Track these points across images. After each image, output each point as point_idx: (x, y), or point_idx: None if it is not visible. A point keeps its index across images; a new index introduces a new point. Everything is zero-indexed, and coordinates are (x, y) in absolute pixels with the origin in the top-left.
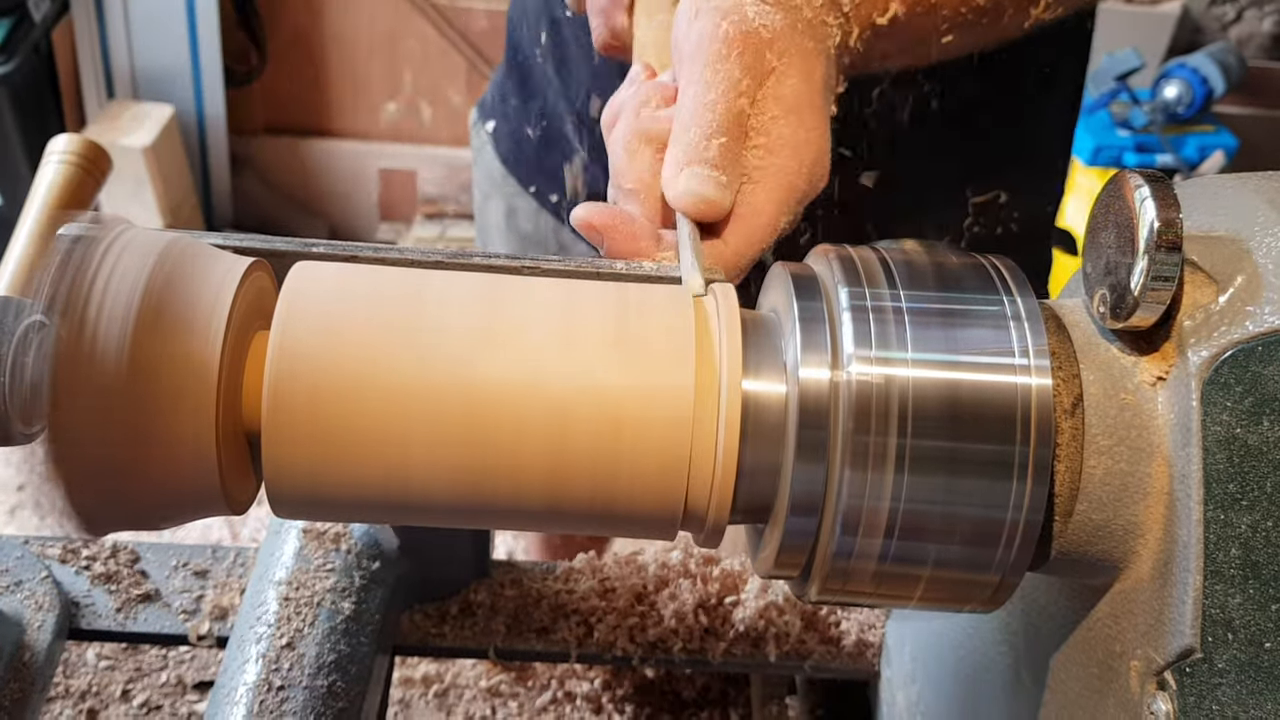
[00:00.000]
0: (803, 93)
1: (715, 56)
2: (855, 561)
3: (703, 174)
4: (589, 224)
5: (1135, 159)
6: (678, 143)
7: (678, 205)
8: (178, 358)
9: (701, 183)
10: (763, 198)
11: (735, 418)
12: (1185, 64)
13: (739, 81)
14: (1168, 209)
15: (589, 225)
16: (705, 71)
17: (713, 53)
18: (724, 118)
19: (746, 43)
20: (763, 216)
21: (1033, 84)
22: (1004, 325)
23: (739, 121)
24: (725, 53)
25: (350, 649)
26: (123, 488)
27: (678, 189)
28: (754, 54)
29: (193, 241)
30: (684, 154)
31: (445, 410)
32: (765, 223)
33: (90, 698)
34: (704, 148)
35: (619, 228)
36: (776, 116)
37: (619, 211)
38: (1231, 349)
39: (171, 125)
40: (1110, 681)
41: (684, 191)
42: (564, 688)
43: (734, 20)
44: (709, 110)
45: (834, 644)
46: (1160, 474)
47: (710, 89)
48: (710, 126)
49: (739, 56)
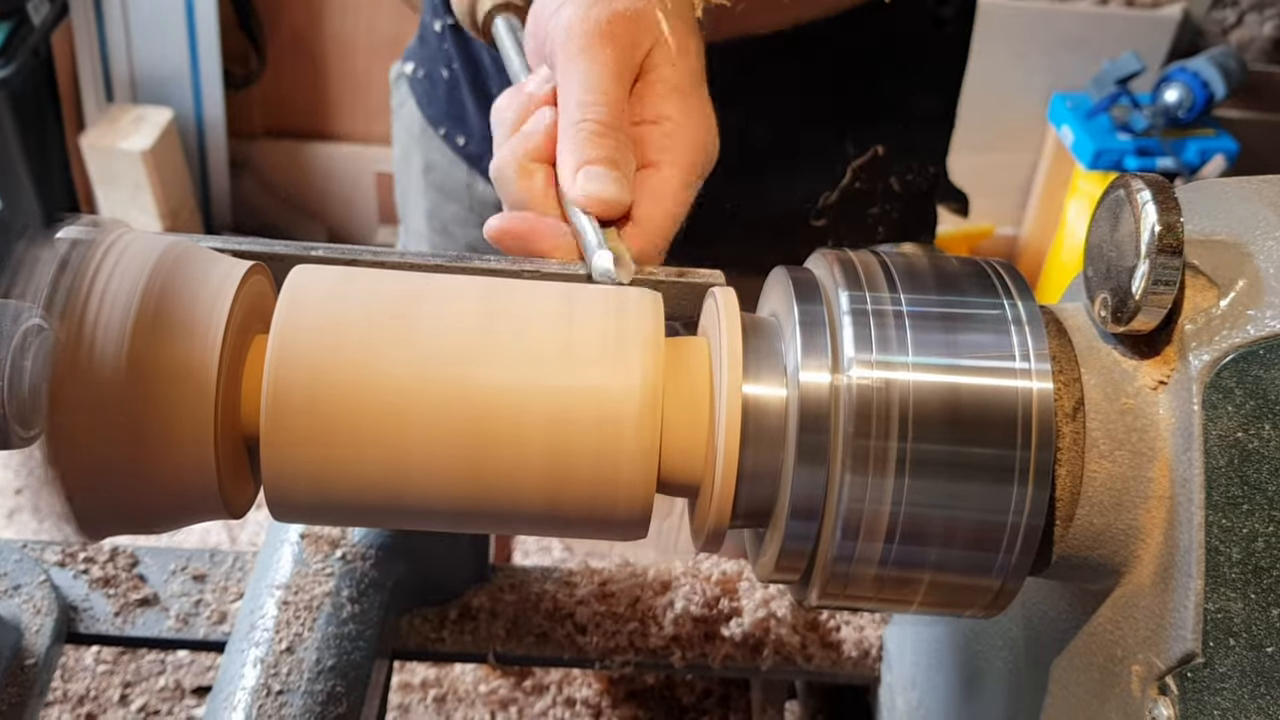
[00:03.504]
0: (683, 71)
1: (588, 46)
2: (856, 566)
3: (599, 173)
4: (507, 232)
5: (1136, 163)
6: (567, 146)
7: (581, 207)
8: (176, 361)
9: (600, 183)
10: (667, 178)
11: (735, 421)
12: (1186, 68)
13: (617, 71)
14: (1169, 213)
15: (507, 234)
16: (581, 64)
17: (585, 42)
18: (609, 110)
19: (617, 28)
20: (669, 198)
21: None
22: (1005, 329)
23: (623, 112)
24: (598, 42)
25: (349, 654)
26: (121, 491)
27: (577, 191)
28: (627, 38)
29: (191, 245)
30: (577, 155)
31: (444, 414)
32: (673, 203)
33: (88, 702)
34: (596, 146)
35: (536, 232)
36: (664, 97)
37: (533, 216)
38: (1233, 353)
39: (170, 129)
40: (1111, 686)
41: (584, 194)
42: (563, 693)
43: (601, 7)
44: (593, 106)
45: (834, 649)
46: (1161, 478)
47: (590, 82)
48: (597, 122)
49: (613, 44)
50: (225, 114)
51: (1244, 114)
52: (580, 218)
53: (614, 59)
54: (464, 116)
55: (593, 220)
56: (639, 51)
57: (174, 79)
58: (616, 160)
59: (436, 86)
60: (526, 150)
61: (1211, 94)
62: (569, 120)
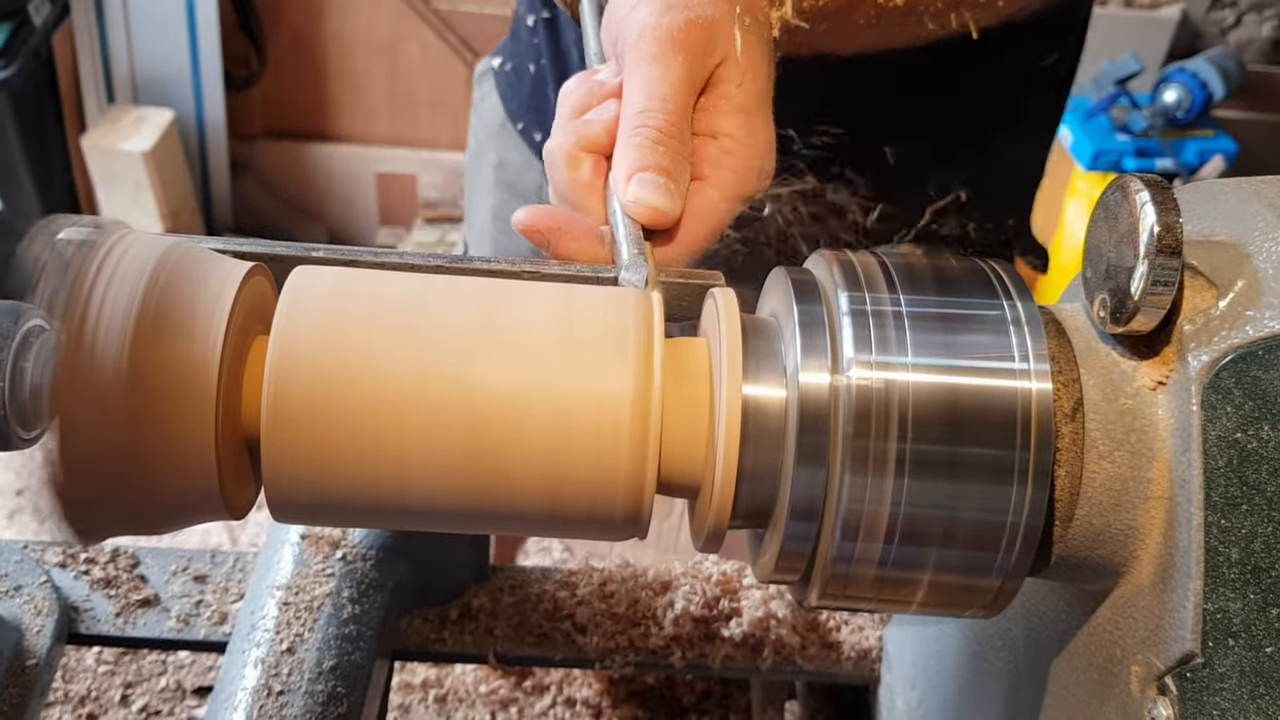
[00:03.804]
0: (751, 91)
1: (659, 53)
2: (855, 566)
3: (653, 181)
4: (533, 227)
5: (1135, 163)
6: (625, 147)
7: (630, 213)
8: (177, 362)
9: (653, 191)
10: (716, 196)
11: (735, 422)
12: (1185, 68)
13: (685, 80)
14: (1168, 213)
15: (533, 228)
16: (650, 68)
17: (656, 49)
18: (671, 119)
19: (690, 37)
20: (715, 215)
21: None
22: (1004, 330)
23: (686, 122)
24: (670, 49)
25: (350, 654)
26: (122, 492)
27: (628, 197)
28: (699, 49)
29: (192, 246)
30: (633, 159)
31: (444, 415)
32: (717, 221)
33: (89, 702)
34: (652, 153)
35: (564, 230)
36: (727, 114)
37: (562, 213)
38: (1232, 353)
39: (171, 130)
40: (1111, 686)
41: (635, 200)
42: (564, 693)
43: (676, 13)
44: (655, 113)
45: (834, 649)
46: (1160, 478)
47: (656, 88)
48: (658, 129)
49: (684, 53)
50: (226, 115)
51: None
52: (622, 223)
53: (683, 67)
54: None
55: (634, 227)
56: (709, 62)
57: (175, 80)
58: (671, 170)
59: (523, 80)
60: (582, 137)
61: (1210, 94)
62: (630, 124)
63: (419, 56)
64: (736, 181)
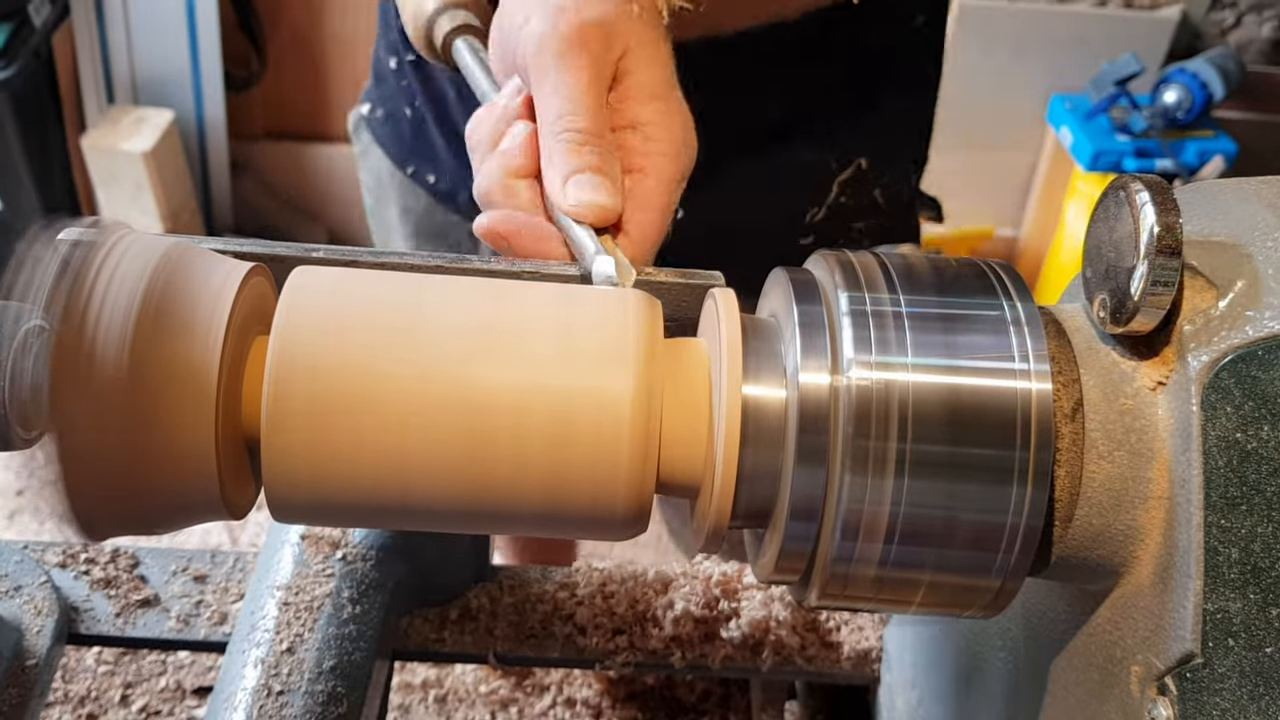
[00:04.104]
0: (659, 78)
1: (562, 56)
2: (855, 566)
3: (590, 180)
4: (493, 231)
5: (1135, 164)
6: (552, 158)
7: (574, 216)
8: (177, 362)
9: (592, 190)
10: (653, 183)
11: (735, 422)
12: (1185, 69)
13: (593, 79)
14: (1168, 214)
15: (493, 233)
16: (557, 75)
17: (558, 53)
18: (590, 119)
19: (587, 36)
20: (657, 203)
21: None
22: (1004, 330)
23: (604, 119)
24: (571, 52)
25: (350, 654)
26: (122, 492)
27: (569, 202)
28: (598, 46)
29: (192, 246)
30: (564, 164)
31: (444, 415)
32: (660, 208)
33: (89, 703)
34: (580, 154)
35: (523, 232)
36: (641, 102)
37: (522, 216)
38: (1231, 354)
39: (171, 130)
40: (1111, 687)
41: (576, 203)
42: (563, 693)
43: (568, 15)
44: (572, 115)
45: (834, 649)
46: (1160, 479)
47: (568, 92)
48: (580, 131)
49: (585, 53)
50: (226, 115)
51: (1243, 115)
52: (574, 228)
53: (587, 67)
54: (432, 154)
55: (587, 229)
56: (611, 58)
57: (175, 80)
58: (603, 168)
59: (400, 125)
60: (507, 167)
61: (1210, 95)
62: (550, 132)
63: None
64: (668, 165)
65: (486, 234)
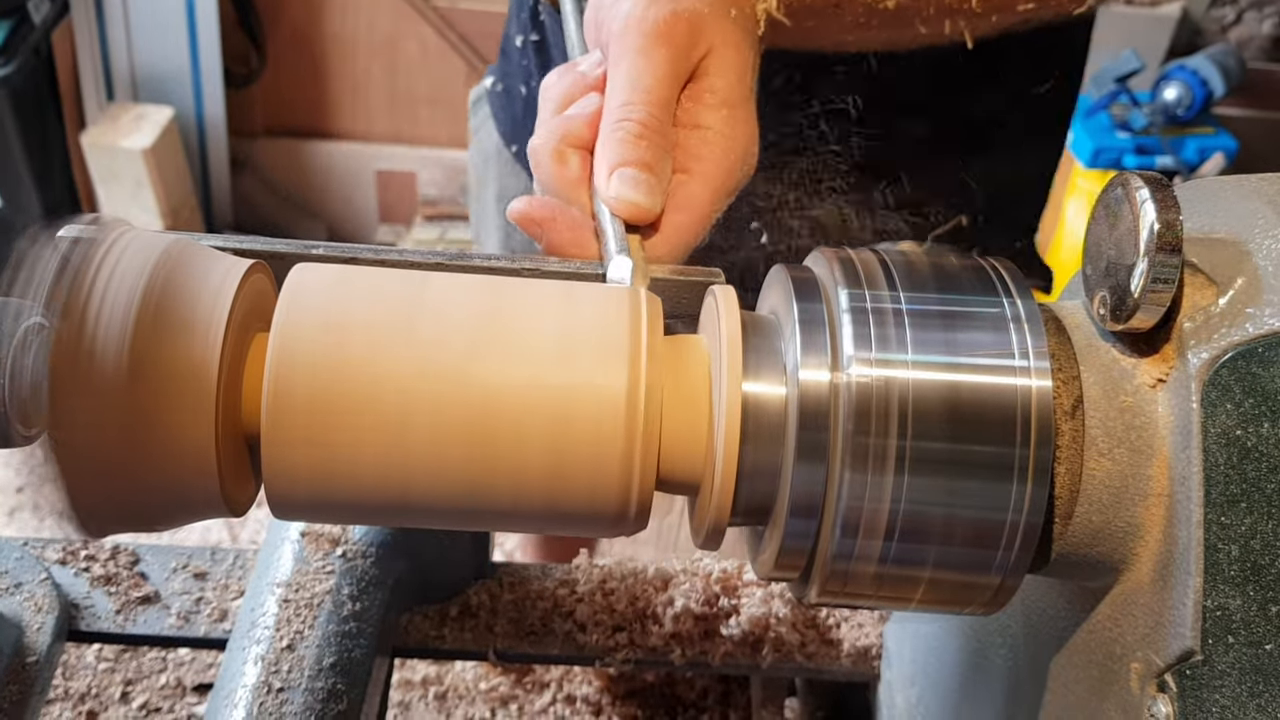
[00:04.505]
0: (735, 85)
1: (644, 45)
2: (855, 563)
3: (634, 177)
4: (528, 217)
5: (1135, 161)
6: (607, 142)
7: (611, 209)
8: (177, 359)
9: (634, 187)
10: (698, 190)
11: (735, 419)
12: (1185, 66)
13: (669, 73)
14: (1168, 211)
15: (528, 218)
16: (634, 61)
17: (641, 41)
18: (654, 113)
19: (675, 30)
20: (698, 209)
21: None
22: (1004, 327)
23: (668, 115)
24: (654, 42)
25: (350, 651)
26: (122, 489)
27: (610, 194)
28: (683, 40)
29: (192, 243)
30: (614, 154)
31: (444, 412)
32: (701, 215)
33: (89, 700)
34: (634, 147)
35: (558, 220)
36: (711, 107)
37: (557, 204)
38: (1231, 351)
39: (171, 127)
40: (1110, 684)
41: (615, 196)
42: (564, 690)
43: (662, 5)
44: (639, 105)
45: (834, 646)
46: (1160, 476)
47: (639, 81)
48: (640, 123)
49: (668, 45)
50: (226, 112)
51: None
52: (607, 218)
53: (666, 60)
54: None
55: (618, 223)
56: (694, 55)
57: (175, 77)
58: (653, 165)
59: (514, 102)
60: (566, 133)
61: (1210, 92)
62: (611, 118)
63: (418, 54)
64: (719, 174)
65: (521, 219)
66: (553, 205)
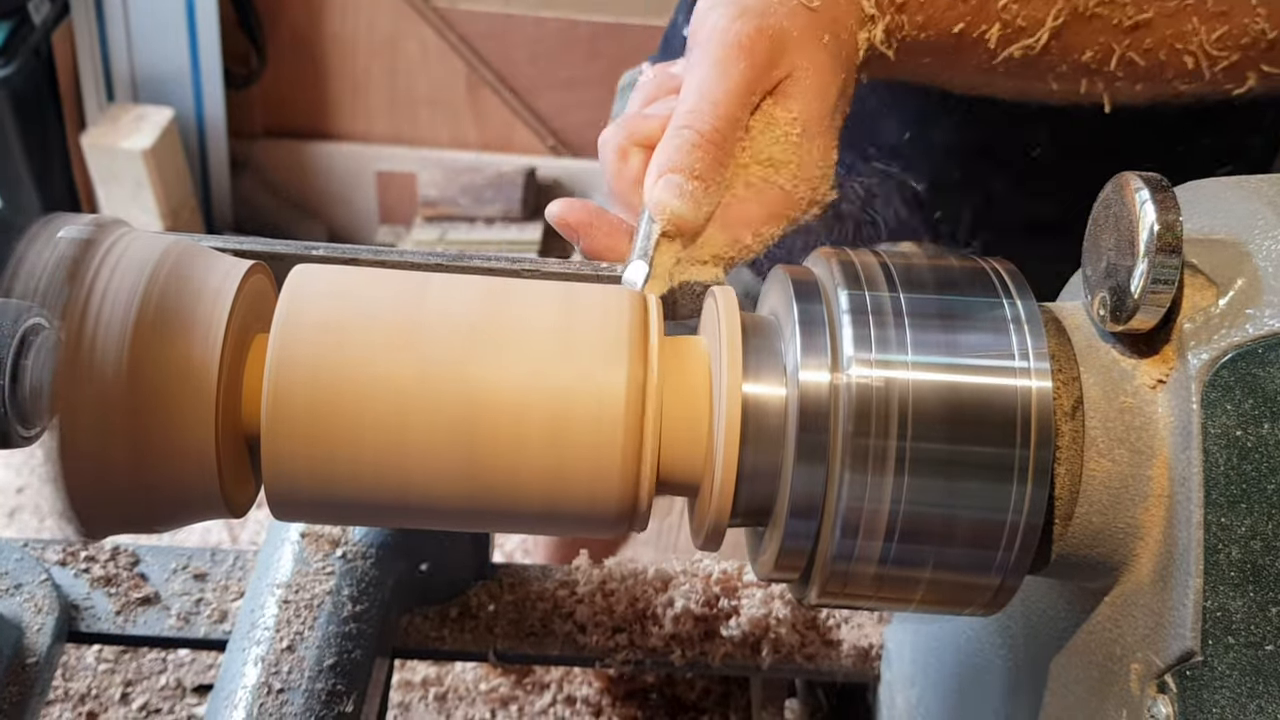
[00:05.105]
0: (813, 111)
1: (722, 57)
2: (855, 564)
3: (679, 185)
4: (564, 221)
5: None
6: (664, 146)
7: (652, 213)
8: (177, 360)
9: (677, 194)
10: (755, 212)
11: (735, 420)
12: None
13: (742, 88)
14: (1168, 212)
15: (564, 222)
16: (709, 71)
17: (720, 52)
18: (718, 125)
19: (756, 45)
20: (751, 231)
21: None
22: (1004, 328)
23: (733, 130)
24: (733, 54)
25: (350, 652)
26: (122, 490)
27: (652, 197)
28: (763, 59)
29: (192, 244)
30: (667, 159)
31: (444, 412)
32: (752, 237)
33: (89, 700)
34: (689, 155)
35: (595, 225)
36: (786, 133)
37: (595, 208)
38: (1231, 351)
39: (171, 128)
40: (1110, 684)
41: (656, 201)
42: (564, 691)
43: (749, 20)
44: (704, 115)
45: (834, 647)
46: (1160, 476)
47: (709, 91)
48: (700, 133)
49: (747, 60)
50: (226, 113)
51: None
52: (645, 220)
53: (742, 75)
54: None
55: (655, 227)
56: (774, 74)
57: (175, 78)
58: (703, 176)
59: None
60: (635, 130)
61: None
62: (675, 123)
63: (418, 55)
64: (781, 201)
65: (558, 222)
66: (591, 209)
